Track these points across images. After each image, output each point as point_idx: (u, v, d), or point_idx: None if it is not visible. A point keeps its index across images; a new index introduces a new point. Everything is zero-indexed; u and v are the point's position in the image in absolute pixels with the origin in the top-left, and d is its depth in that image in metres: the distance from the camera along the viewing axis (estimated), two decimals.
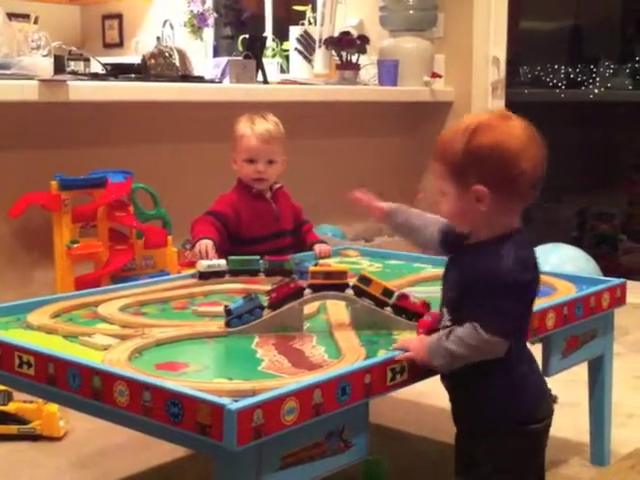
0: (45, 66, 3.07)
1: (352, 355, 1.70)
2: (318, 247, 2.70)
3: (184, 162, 3.65)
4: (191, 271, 2.51)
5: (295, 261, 2.36)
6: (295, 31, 4.66)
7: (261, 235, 2.65)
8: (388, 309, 1.91)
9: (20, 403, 2.57)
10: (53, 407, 2.52)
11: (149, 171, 3.36)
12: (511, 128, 1.54)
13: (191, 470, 2.30)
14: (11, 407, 2.56)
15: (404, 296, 1.92)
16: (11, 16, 3.54)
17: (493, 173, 1.53)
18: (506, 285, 1.53)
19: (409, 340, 1.71)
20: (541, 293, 1.77)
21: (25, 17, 3.64)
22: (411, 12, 4.50)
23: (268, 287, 1.99)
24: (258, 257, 2.38)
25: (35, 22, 3.47)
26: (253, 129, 2.64)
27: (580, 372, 2.33)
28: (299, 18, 4.82)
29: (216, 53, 5.42)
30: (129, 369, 1.60)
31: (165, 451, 2.32)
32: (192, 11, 5.29)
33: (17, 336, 1.85)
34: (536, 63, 5.73)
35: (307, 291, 1.90)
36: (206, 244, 2.47)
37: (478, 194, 1.54)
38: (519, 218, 1.60)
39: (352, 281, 1.93)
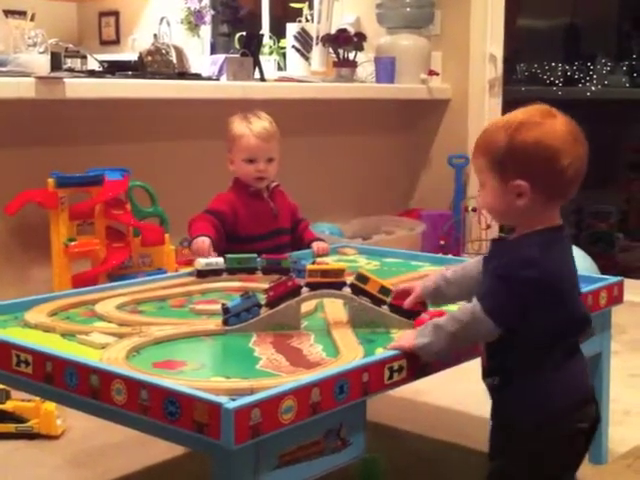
0: (42, 63, 3.06)
1: (350, 353, 1.70)
2: (316, 245, 2.71)
3: (181, 159, 3.65)
4: (189, 269, 2.51)
5: (292, 259, 2.36)
6: (292, 28, 4.66)
7: (259, 233, 2.64)
8: (385, 307, 1.91)
9: (18, 402, 2.57)
10: (51, 405, 2.51)
11: (146, 169, 3.36)
12: (554, 125, 1.56)
13: (188, 468, 2.30)
14: (9, 405, 2.56)
15: None
16: (7, 13, 3.53)
17: (535, 169, 1.55)
18: (507, 274, 1.55)
19: (402, 335, 1.74)
20: None
21: (22, 14, 3.62)
22: (408, 9, 4.50)
23: (266, 285, 1.99)
24: (255, 255, 2.38)
25: (32, 19, 3.46)
26: (251, 128, 2.63)
27: None
28: (296, 15, 4.82)
29: (213, 50, 5.41)
30: (126, 367, 1.60)
31: (162, 449, 2.32)
32: (189, 8, 5.29)
33: (14, 334, 1.85)
34: (533, 61, 5.73)
35: (304, 289, 1.90)
36: (203, 241, 2.47)
37: (519, 189, 1.56)
38: (558, 214, 1.62)
39: (349, 279, 1.93)
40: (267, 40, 4.99)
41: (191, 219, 2.60)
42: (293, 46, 4.65)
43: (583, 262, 3.65)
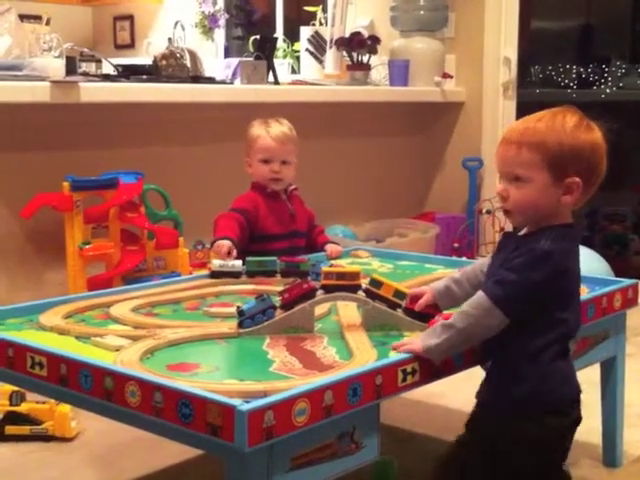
0: (57, 67, 3.07)
1: (363, 356, 1.70)
2: (329, 247, 2.72)
3: (195, 163, 3.66)
4: (203, 272, 2.52)
5: (311, 262, 2.37)
6: (306, 32, 4.67)
7: (277, 233, 2.67)
8: (400, 311, 1.91)
9: (32, 404, 2.58)
10: (65, 408, 2.52)
11: (160, 172, 3.37)
12: (598, 130, 1.66)
13: (202, 470, 2.31)
14: (23, 408, 2.57)
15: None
16: (23, 17, 3.55)
17: (590, 169, 1.64)
18: (519, 266, 1.60)
19: (410, 338, 1.77)
20: None
21: (37, 18, 3.65)
22: (422, 12, 4.50)
23: (280, 288, 1.99)
24: (275, 258, 2.39)
25: (47, 23, 3.48)
26: (269, 131, 2.69)
27: (591, 373, 2.32)
28: (310, 19, 4.83)
29: (227, 54, 5.43)
30: (141, 370, 1.61)
31: (176, 451, 2.32)
32: (203, 12, 5.31)
33: (29, 337, 1.86)
34: (547, 63, 5.71)
35: (319, 292, 1.90)
36: (225, 245, 2.47)
37: (573, 185, 1.63)
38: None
39: (364, 282, 1.93)
40: (281, 43, 5.00)
41: (217, 217, 2.61)
42: (307, 49, 4.66)
43: (597, 265, 3.64)
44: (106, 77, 3.35)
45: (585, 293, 2.19)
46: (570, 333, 1.69)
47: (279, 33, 5.24)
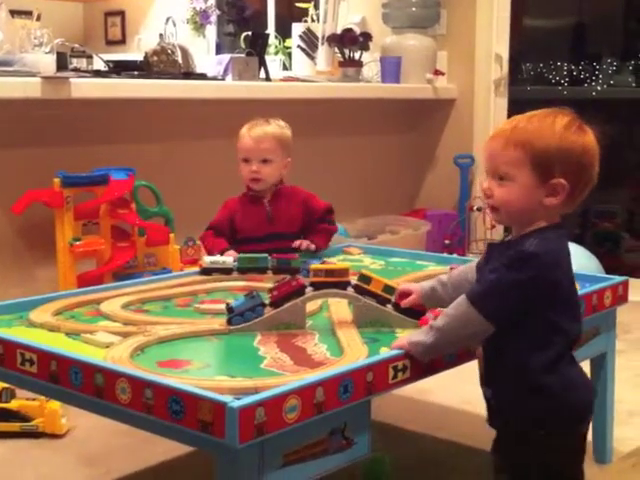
0: (48, 63, 3.06)
1: (354, 353, 1.70)
2: (299, 241, 2.64)
3: (186, 159, 3.65)
4: (193, 268, 2.52)
5: (302, 259, 2.36)
6: (298, 28, 4.66)
7: (253, 236, 2.62)
8: (390, 306, 1.91)
9: (23, 401, 2.57)
10: (55, 404, 2.52)
11: (151, 168, 3.36)
12: (592, 135, 1.62)
13: (193, 467, 2.31)
14: (14, 405, 2.56)
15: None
16: (14, 13, 3.53)
17: (577, 172, 1.60)
18: (501, 268, 1.57)
19: (405, 335, 1.76)
20: None
21: (28, 14, 3.63)
22: (414, 9, 4.50)
23: (271, 285, 1.99)
24: (266, 255, 2.38)
25: (38, 19, 3.46)
26: (250, 130, 2.66)
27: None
28: (302, 15, 4.82)
29: (219, 50, 5.42)
30: (131, 366, 1.60)
31: (167, 448, 2.32)
32: (195, 8, 5.29)
33: (20, 334, 1.86)
34: (539, 60, 5.71)
35: (309, 289, 1.90)
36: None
37: (558, 187, 1.59)
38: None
39: (354, 279, 1.93)
40: (273, 40, 4.99)
41: (201, 237, 2.65)
42: (299, 46, 4.65)
43: (588, 262, 3.64)
44: (97, 73, 3.34)
45: None
46: (572, 339, 1.66)
47: (271, 29, 5.23)
